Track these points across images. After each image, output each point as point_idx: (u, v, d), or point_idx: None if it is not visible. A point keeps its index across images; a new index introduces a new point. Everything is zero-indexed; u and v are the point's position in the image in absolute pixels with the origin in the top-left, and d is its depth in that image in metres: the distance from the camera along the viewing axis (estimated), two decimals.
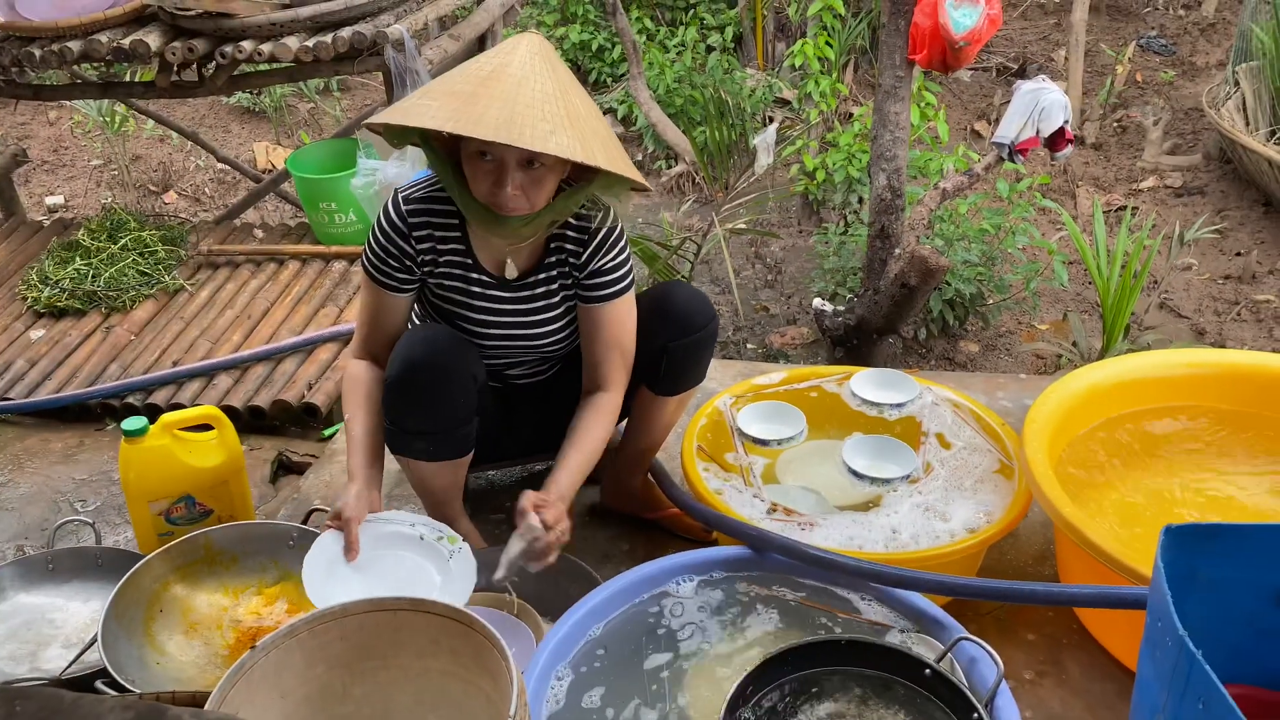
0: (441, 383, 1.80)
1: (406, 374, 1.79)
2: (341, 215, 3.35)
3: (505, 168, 1.66)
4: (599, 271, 1.88)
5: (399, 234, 1.83)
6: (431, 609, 1.44)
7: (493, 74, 1.64)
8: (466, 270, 1.87)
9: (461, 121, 1.59)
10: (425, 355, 1.79)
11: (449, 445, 1.89)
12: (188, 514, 2.16)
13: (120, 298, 3.16)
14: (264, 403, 2.69)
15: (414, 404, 1.81)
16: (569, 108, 1.66)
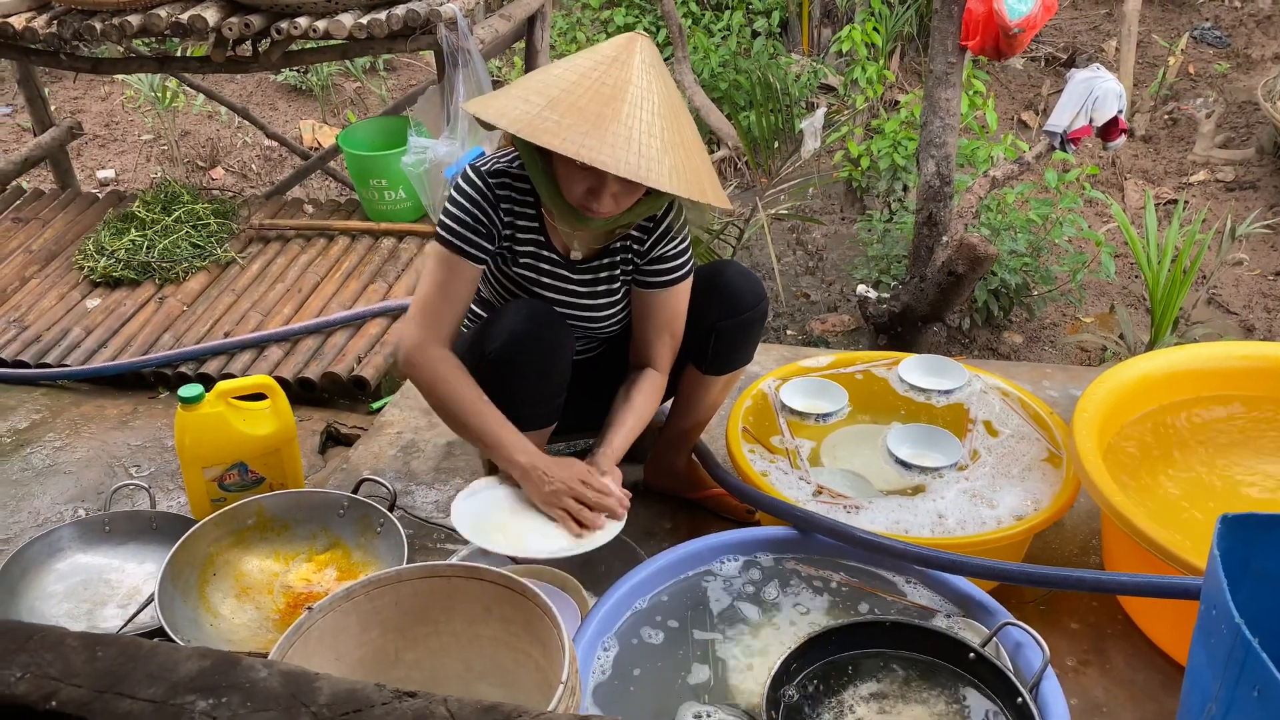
0: (545, 355, 1.85)
1: (514, 347, 1.82)
2: (391, 192, 3.38)
3: (606, 183, 1.68)
4: (660, 259, 1.90)
5: (487, 202, 1.83)
6: (485, 576, 1.47)
7: (614, 94, 1.64)
8: (538, 248, 1.89)
9: (589, 150, 1.59)
10: (530, 329, 1.82)
11: (546, 415, 1.94)
12: (240, 481, 2.20)
13: (173, 269, 3.22)
14: (314, 375, 2.74)
15: (520, 376, 1.84)
16: (680, 133, 1.69)
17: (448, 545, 2.17)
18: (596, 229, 1.83)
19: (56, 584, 2.04)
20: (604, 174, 1.65)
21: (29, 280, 3.28)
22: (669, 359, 1.97)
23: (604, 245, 1.92)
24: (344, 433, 2.67)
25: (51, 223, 3.56)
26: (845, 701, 1.54)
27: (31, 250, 3.41)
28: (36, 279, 3.28)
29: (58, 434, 2.67)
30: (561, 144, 1.60)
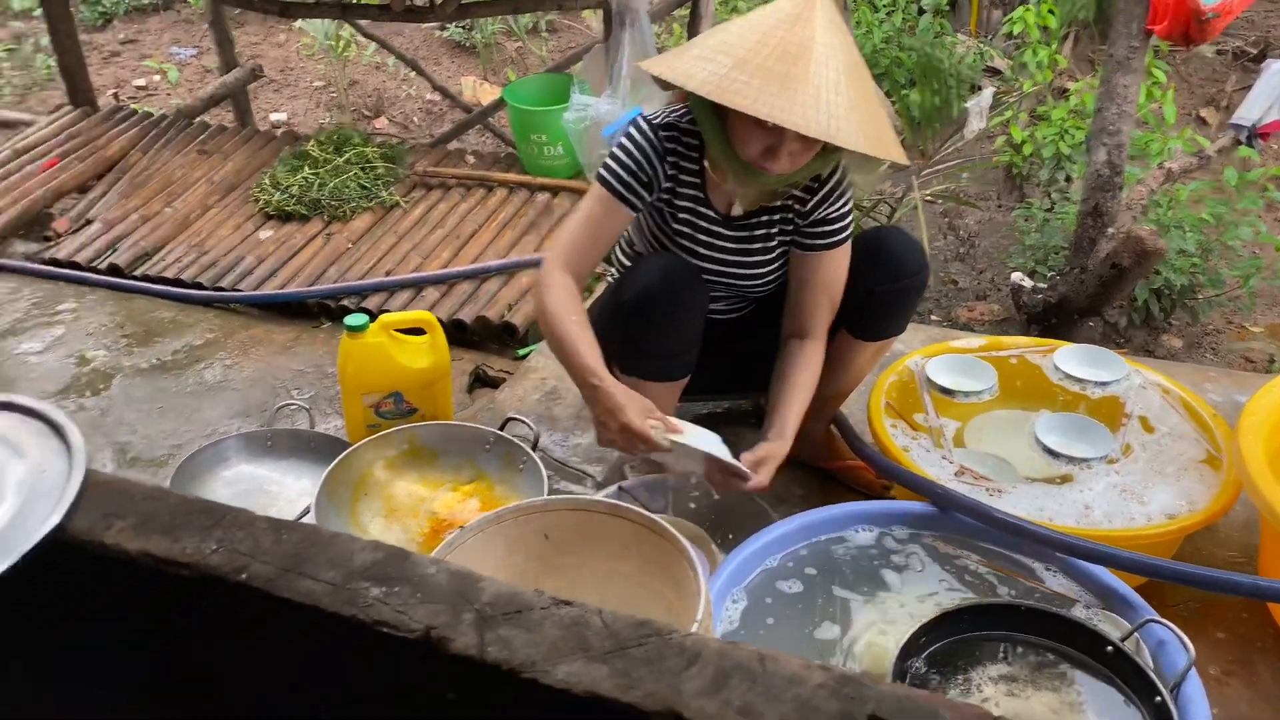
0: (677, 309, 1.87)
1: (649, 297, 1.84)
2: (550, 148, 3.46)
3: (784, 141, 1.67)
4: (822, 221, 1.90)
5: (655, 153, 1.85)
6: (627, 515, 1.51)
7: (800, 53, 1.63)
8: (697, 203, 1.92)
9: (781, 112, 1.59)
10: (666, 280, 1.85)
11: (679, 367, 1.96)
12: (395, 409, 2.31)
13: (341, 208, 3.38)
14: (467, 318, 2.83)
15: (655, 326, 1.87)
16: (862, 89, 1.68)
17: (581, 488, 2.23)
18: (767, 186, 1.83)
19: (223, 489, 2.19)
20: (783, 133, 1.65)
21: (210, 209, 3.49)
22: (826, 324, 1.96)
23: (764, 204, 1.93)
24: (491, 375, 2.76)
25: (232, 157, 3.77)
26: (973, 680, 1.52)
27: (213, 181, 3.62)
28: (216, 209, 3.49)
29: (228, 353, 2.85)
30: (752, 105, 1.61)
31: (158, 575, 0.97)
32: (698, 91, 1.67)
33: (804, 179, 1.85)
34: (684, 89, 1.73)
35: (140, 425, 2.53)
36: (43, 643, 1.12)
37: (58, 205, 3.64)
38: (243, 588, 0.94)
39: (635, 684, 0.82)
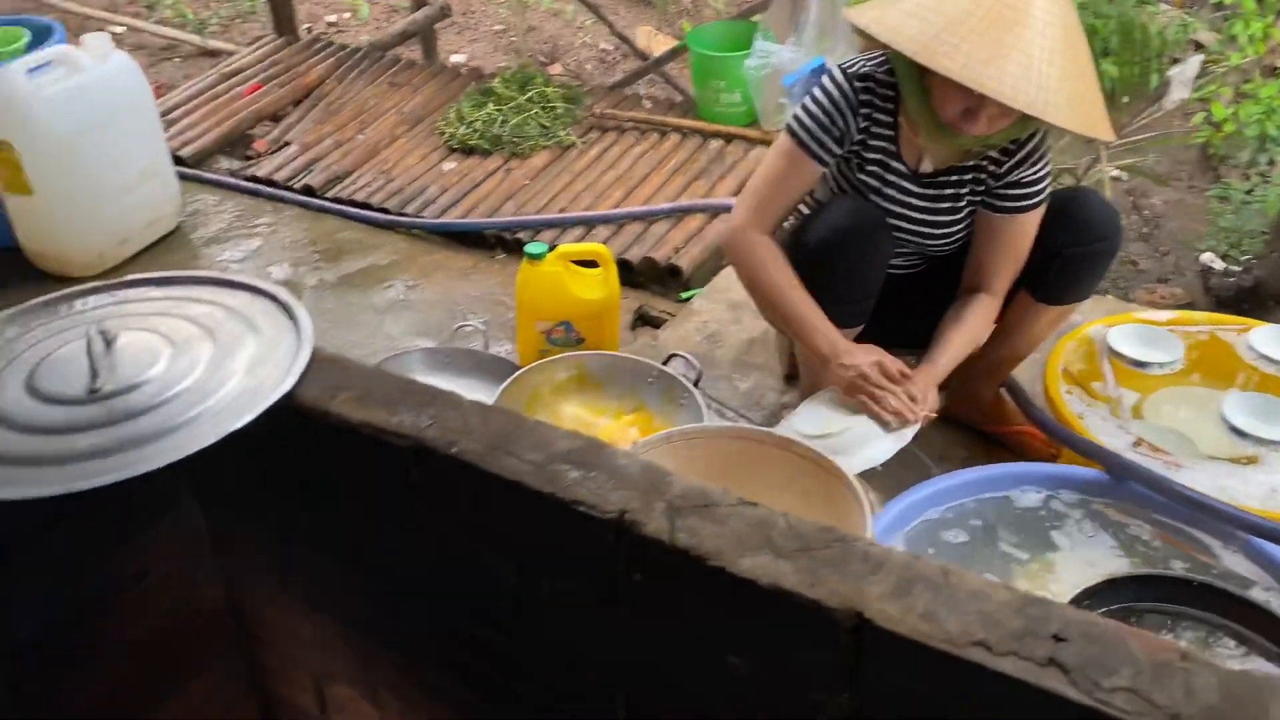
0: (861, 254, 1.87)
1: (836, 241, 1.84)
2: (727, 95, 3.46)
3: (985, 105, 1.64)
4: (1017, 184, 1.85)
5: (847, 106, 1.84)
6: (794, 448, 1.54)
7: (1017, 18, 1.59)
8: (887, 157, 1.90)
9: (990, 80, 1.56)
10: (851, 226, 1.85)
11: (855, 315, 1.96)
12: (565, 338, 2.39)
13: (521, 145, 3.48)
14: (634, 258, 2.89)
15: (838, 270, 1.87)
16: (1077, 61, 1.63)
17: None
18: (961, 146, 1.80)
19: None
20: (985, 99, 1.61)
21: (398, 139, 3.65)
22: (1006, 285, 1.92)
23: (958, 162, 1.89)
24: (653, 315, 2.81)
25: (421, 90, 3.92)
26: None
27: (402, 113, 3.78)
28: (404, 138, 3.65)
29: (410, 275, 3.00)
30: (960, 70, 1.58)
31: (376, 444, 1.06)
32: (904, 51, 1.64)
33: (1002, 142, 1.80)
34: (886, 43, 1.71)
35: (329, 334, 2.69)
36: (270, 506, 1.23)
37: (258, 127, 3.86)
38: (453, 460, 1.01)
39: (819, 582, 0.85)
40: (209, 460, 1.24)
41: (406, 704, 1.29)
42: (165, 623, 1.34)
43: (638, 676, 1.02)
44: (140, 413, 1.06)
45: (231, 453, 1.20)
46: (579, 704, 1.09)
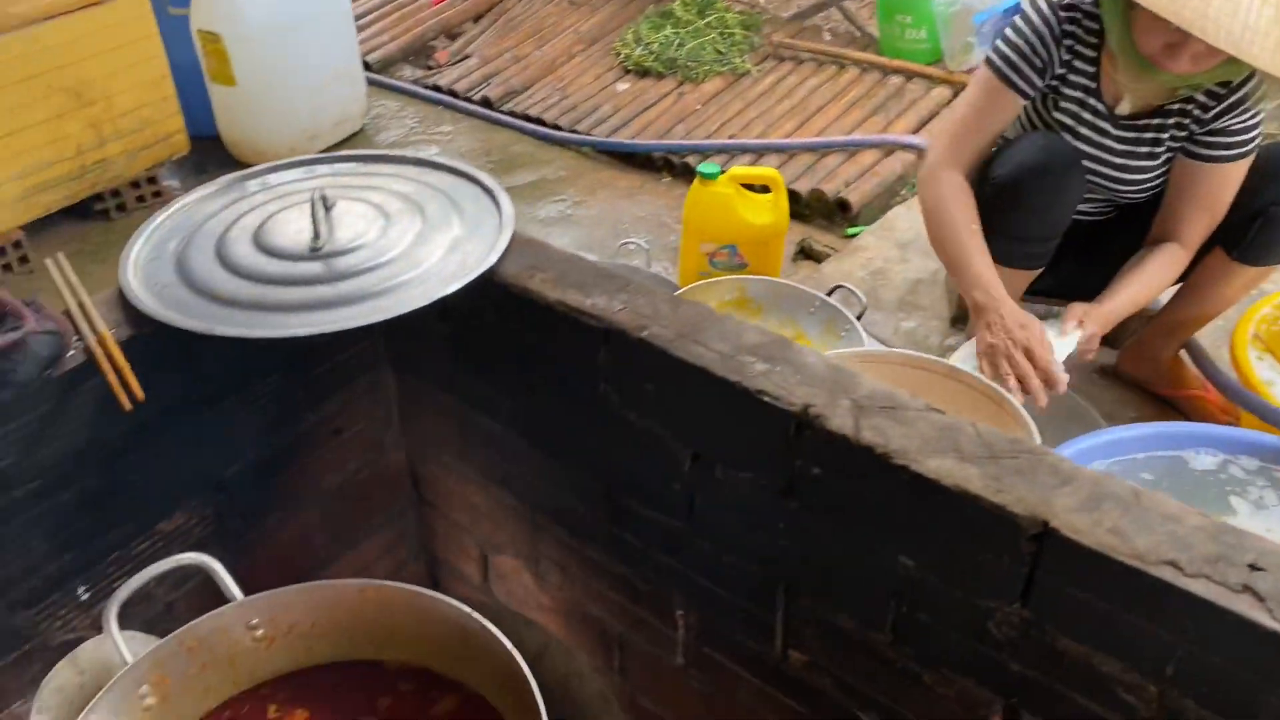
0: (1050, 192, 1.81)
1: (1027, 175, 1.79)
2: (913, 30, 3.36)
3: (1189, 41, 1.55)
4: (1223, 131, 1.75)
5: (1051, 35, 1.78)
6: (963, 378, 1.52)
7: None
8: (1086, 94, 1.82)
9: (1190, 13, 1.48)
10: (1043, 162, 1.79)
11: (1038, 256, 1.90)
12: (728, 261, 2.40)
13: (695, 69, 3.47)
14: (802, 189, 2.86)
15: (1026, 206, 1.82)
16: None
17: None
18: (1162, 84, 1.71)
19: None
20: (1189, 35, 1.53)
21: (574, 57, 3.69)
22: (1200, 239, 1.83)
23: (1159, 104, 1.80)
24: (816, 249, 2.79)
25: (600, 10, 3.95)
26: None
27: (579, 32, 3.82)
28: (580, 57, 3.69)
29: (577, 191, 3.05)
30: (1158, 1, 1.50)
31: (569, 323, 1.10)
32: None
33: (1205, 84, 1.70)
34: None
35: None
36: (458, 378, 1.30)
37: (441, 39, 3.97)
38: (643, 344, 1.05)
39: (1006, 489, 0.85)
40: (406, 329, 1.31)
41: (566, 578, 1.35)
42: (352, 480, 1.43)
43: (801, 570, 1.05)
44: (354, 273, 1.13)
45: (429, 323, 1.27)
46: (738, 592, 1.12)
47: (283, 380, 1.27)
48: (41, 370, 1.00)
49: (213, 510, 1.26)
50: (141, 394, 1.03)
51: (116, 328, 1.08)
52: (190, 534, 1.23)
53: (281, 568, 1.06)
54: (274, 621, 1.02)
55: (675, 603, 1.21)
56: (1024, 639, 0.89)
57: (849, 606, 1.02)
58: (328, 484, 1.40)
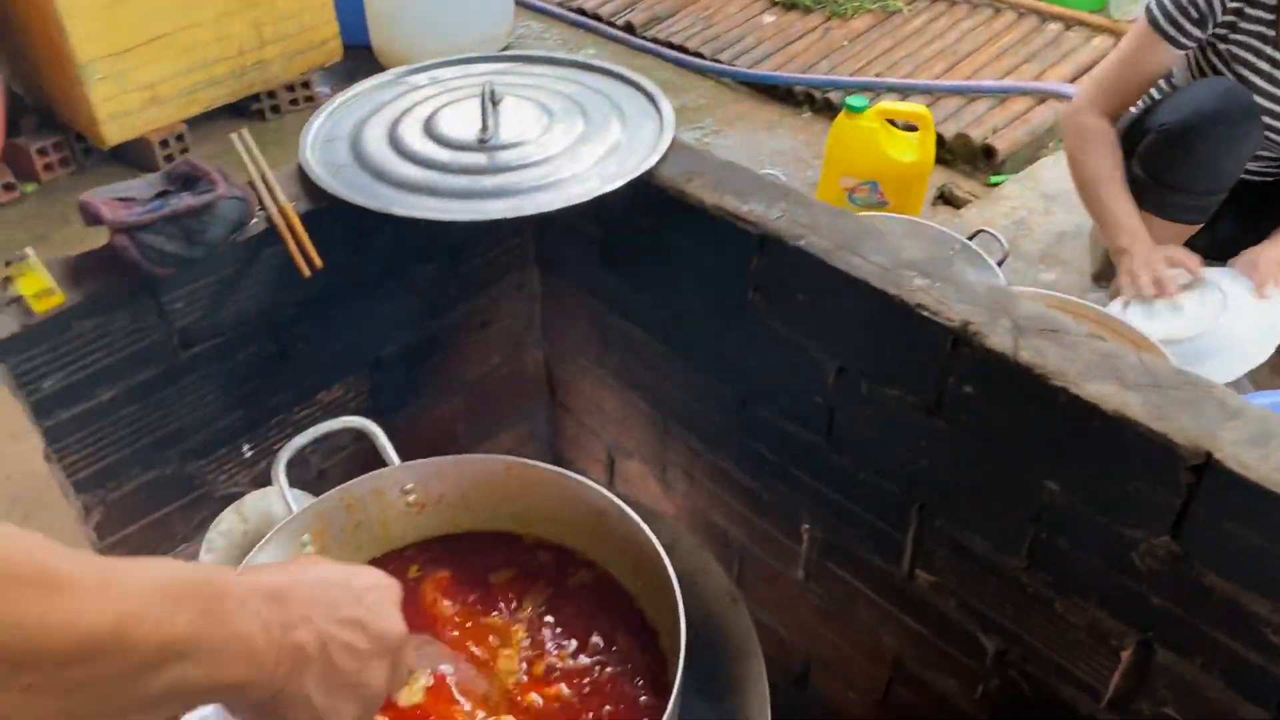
0: (1231, 140, 1.74)
1: (1196, 123, 1.72)
2: None
3: None
4: None
5: None
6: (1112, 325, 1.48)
7: None
8: (1262, 43, 1.73)
9: None
10: (1221, 107, 1.72)
11: (1199, 211, 1.84)
12: (868, 198, 2.37)
13: (844, 5, 3.40)
14: (947, 133, 2.79)
15: (1188, 156, 1.75)
16: None
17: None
18: None
19: None
20: None
21: None
22: None
23: None
24: (957, 195, 2.72)
25: None
26: None
27: None
28: None
29: (715, 121, 3.04)
30: None
31: (724, 228, 1.11)
32: None
33: None
34: None
35: None
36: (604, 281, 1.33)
37: None
38: (799, 253, 1.05)
39: (1168, 417, 0.84)
40: (558, 230, 1.35)
41: (693, 486, 1.38)
42: (493, 374, 1.49)
43: (939, 490, 1.05)
44: (518, 167, 1.17)
45: (581, 224, 1.30)
46: (870, 509, 1.13)
47: (439, 269, 1.32)
48: (229, 233, 1.07)
49: (368, 386, 1.32)
50: (320, 262, 1.09)
51: (296, 201, 1.14)
52: (346, 407, 1.30)
53: (423, 450, 1.11)
54: (425, 488, 1.07)
55: (802, 517, 1.23)
56: (1169, 572, 0.88)
57: (985, 529, 1.02)
58: (471, 375, 1.46)
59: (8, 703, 0.42)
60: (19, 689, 0.42)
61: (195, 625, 0.51)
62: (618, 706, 0.95)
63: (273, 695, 0.59)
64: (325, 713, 0.62)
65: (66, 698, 0.44)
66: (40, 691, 0.43)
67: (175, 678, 0.50)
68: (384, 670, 0.67)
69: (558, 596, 1.05)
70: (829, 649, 1.32)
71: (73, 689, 0.45)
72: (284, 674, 0.59)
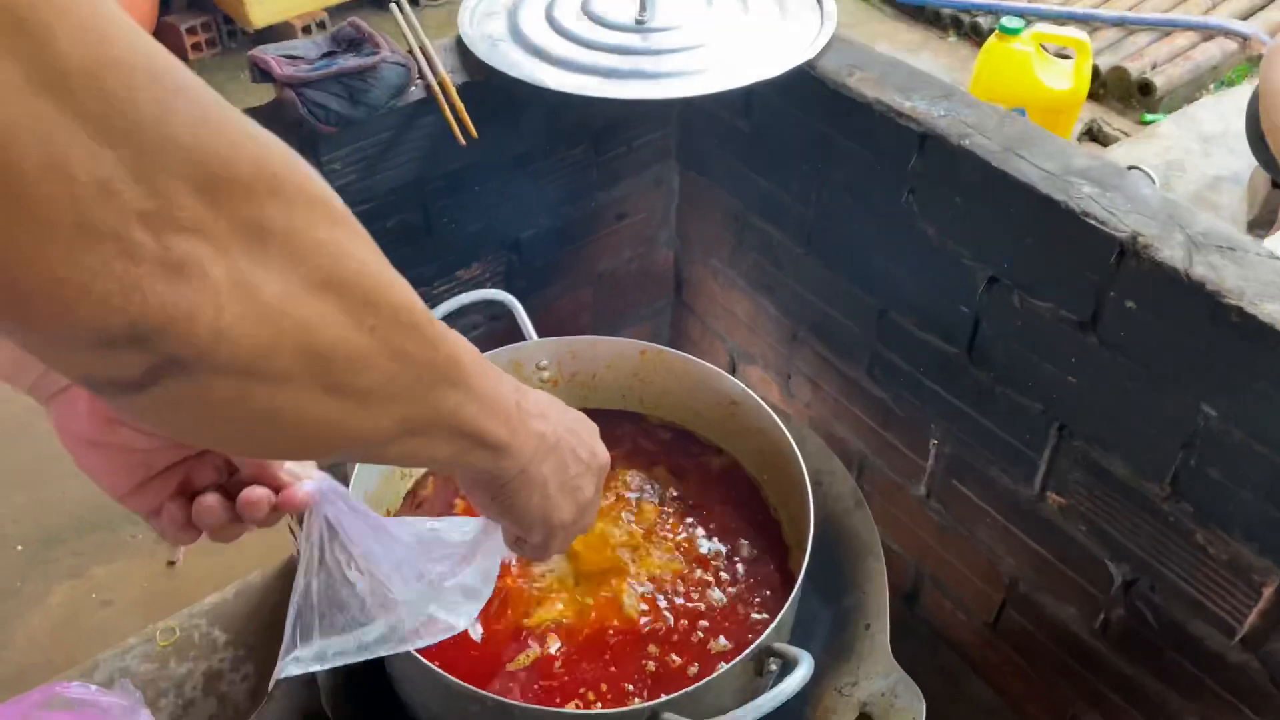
0: None
1: None
2: None
3: None
4: None
5: None
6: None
7: None
8: None
9: None
10: None
11: None
12: None
13: None
14: (1103, 65, 2.66)
15: None
16: None
17: None
18: None
19: None
20: None
21: None
22: None
23: None
24: (1106, 132, 2.60)
25: None
26: None
27: None
28: None
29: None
30: None
31: (884, 124, 1.08)
32: None
33: None
34: None
35: None
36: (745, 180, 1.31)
37: None
38: (963, 153, 1.02)
39: None
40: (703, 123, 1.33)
41: (817, 395, 1.37)
42: (624, 267, 1.49)
43: (1082, 410, 1.02)
44: (674, 50, 1.15)
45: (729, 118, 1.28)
46: (1005, 427, 1.11)
47: (583, 155, 1.32)
48: (390, 97, 1.08)
49: (504, 267, 1.34)
50: (475, 133, 1.10)
51: (453, 72, 1.15)
52: (482, 286, 1.32)
53: (552, 335, 1.13)
54: (560, 365, 1.09)
55: (932, 431, 1.21)
56: None
57: (1128, 453, 0.99)
58: (603, 266, 1.46)
59: (358, 345, 0.43)
60: (367, 329, 0.43)
61: (473, 364, 0.52)
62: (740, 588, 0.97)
63: (520, 470, 0.60)
64: (553, 506, 0.65)
65: (391, 363, 0.45)
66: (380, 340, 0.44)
67: (459, 402, 0.51)
68: (595, 487, 0.70)
69: (685, 478, 1.06)
70: (942, 568, 1.30)
71: (397, 355, 0.45)
72: (529, 453, 0.60)
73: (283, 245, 0.39)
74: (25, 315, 0.33)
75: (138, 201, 0.34)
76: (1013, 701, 1.28)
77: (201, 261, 0.36)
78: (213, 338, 0.37)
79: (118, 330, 0.35)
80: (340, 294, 0.42)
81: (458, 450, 0.54)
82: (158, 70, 0.34)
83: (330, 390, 0.43)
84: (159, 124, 0.34)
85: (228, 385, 0.39)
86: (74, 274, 0.33)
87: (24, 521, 1.83)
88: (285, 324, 0.39)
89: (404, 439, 0.49)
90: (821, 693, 0.97)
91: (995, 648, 1.27)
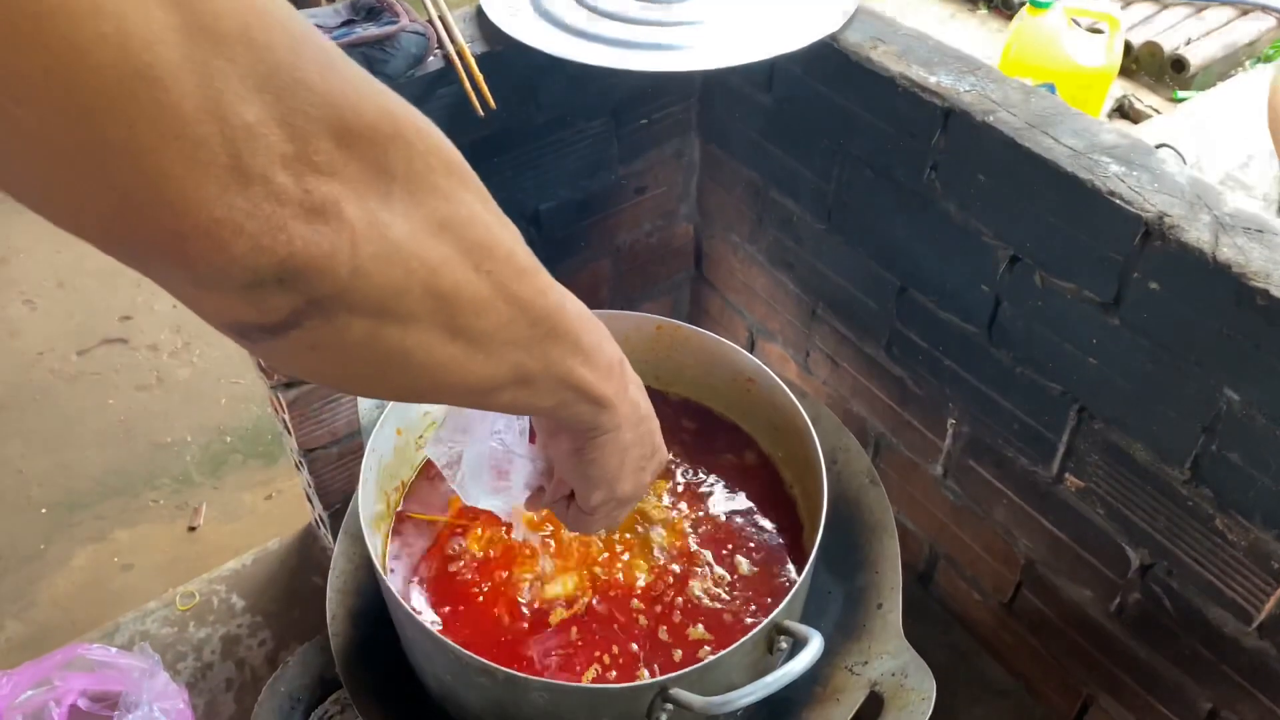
0: None
1: None
2: None
3: None
4: None
5: None
6: None
7: None
8: None
9: None
10: None
11: None
12: None
13: None
14: (1135, 40, 2.61)
15: None
16: None
17: None
18: None
19: None
20: None
21: None
22: None
23: None
24: (1136, 109, 2.56)
25: None
26: None
27: None
28: None
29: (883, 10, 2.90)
30: None
31: (908, 99, 1.07)
32: None
33: None
34: None
35: None
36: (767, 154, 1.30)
37: None
38: (987, 130, 1.00)
39: None
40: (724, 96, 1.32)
41: (835, 373, 1.37)
42: (643, 241, 1.48)
43: (1103, 391, 1.01)
44: (696, 22, 1.14)
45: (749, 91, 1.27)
46: (1024, 407, 1.10)
47: (603, 127, 1.31)
48: (408, 66, 1.08)
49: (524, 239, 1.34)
50: (494, 103, 1.09)
51: (472, 42, 1.14)
52: None
53: None
54: None
55: (949, 411, 1.20)
56: None
57: (1148, 436, 0.98)
58: (621, 239, 1.46)
59: (477, 288, 0.44)
60: (484, 273, 0.44)
61: (580, 318, 0.53)
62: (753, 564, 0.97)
63: (615, 427, 0.61)
64: (625, 474, 0.66)
65: (507, 307, 0.46)
66: (495, 284, 0.45)
67: (566, 351, 0.52)
68: (652, 477, 0.71)
69: (700, 453, 1.05)
70: (958, 548, 1.30)
71: (512, 300, 0.46)
72: (624, 415, 0.61)
73: (404, 188, 0.40)
74: (185, 256, 0.34)
75: (280, 145, 0.35)
76: (1026, 682, 1.28)
77: (338, 202, 0.37)
78: (350, 276, 0.38)
79: (267, 271, 0.36)
80: (458, 237, 0.43)
81: (562, 401, 0.55)
82: (285, 18, 0.35)
83: (454, 333, 0.44)
84: (294, 70, 0.35)
85: (363, 326, 0.40)
86: (230, 214, 0.34)
87: (48, 485, 1.86)
88: (413, 264, 0.41)
89: (515, 387, 0.50)
90: (832, 671, 0.97)
91: (1009, 628, 1.27)
